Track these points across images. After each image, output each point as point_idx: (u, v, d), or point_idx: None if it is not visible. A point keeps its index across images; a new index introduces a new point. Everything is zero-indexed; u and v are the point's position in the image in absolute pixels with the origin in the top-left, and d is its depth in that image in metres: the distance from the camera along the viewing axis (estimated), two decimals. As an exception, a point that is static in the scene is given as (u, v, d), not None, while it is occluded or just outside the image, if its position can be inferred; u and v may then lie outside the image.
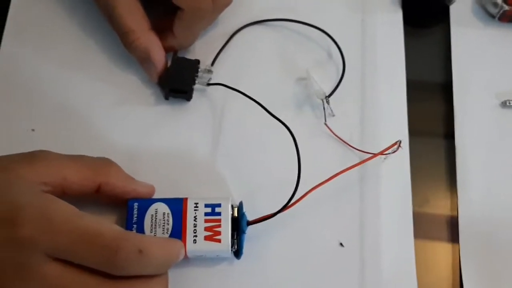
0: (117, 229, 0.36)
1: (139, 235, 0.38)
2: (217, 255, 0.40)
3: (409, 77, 0.49)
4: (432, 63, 0.51)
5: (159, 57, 0.45)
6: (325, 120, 0.46)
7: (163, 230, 0.39)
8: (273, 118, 0.43)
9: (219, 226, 0.39)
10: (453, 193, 0.45)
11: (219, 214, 0.40)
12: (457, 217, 0.44)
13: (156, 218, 0.40)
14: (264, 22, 0.50)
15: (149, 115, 0.47)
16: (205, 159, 0.45)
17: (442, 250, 0.44)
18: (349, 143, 0.45)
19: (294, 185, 0.40)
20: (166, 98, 0.47)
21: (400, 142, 0.43)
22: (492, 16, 0.51)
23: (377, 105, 0.47)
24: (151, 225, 0.40)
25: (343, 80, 0.48)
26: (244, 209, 0.41)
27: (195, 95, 0.47)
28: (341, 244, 0.42)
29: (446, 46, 0.50)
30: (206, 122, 0.46)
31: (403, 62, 0.49)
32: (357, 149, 0.45)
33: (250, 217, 0.41)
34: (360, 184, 0.44)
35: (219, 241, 0.39)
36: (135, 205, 0.40)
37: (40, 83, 0.47)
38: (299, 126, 0.45)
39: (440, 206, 0.45)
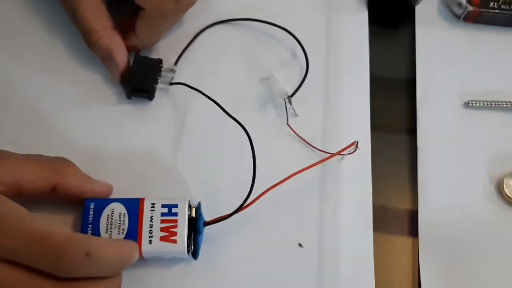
0: (66, 231, 0.35)
1: (88, 237, 0.37)
2: (174, 256, 0.40)
3: (374, 76, 0.49)
4: (397, 63, 0.51)
5: (121, 57, 0.45)
6: (287, 120, 0.46)
7: (118, 231, 0.39)
8: (222, 115, 0.43)
9: (176, 226, 0.39)
10: (414, 190, 0.45)
11: (175, 214, 0.40)
12: (417, 212, 0.44)
13: (112, 219, 0.40)
14: (229, 22, 0.50)
15: (111, 114, 0.46)
16: (166, 159, 0.45)
17: (401, 246, 0.44)
18: (311, 143, 0.45)
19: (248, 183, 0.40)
20: (129, 97, 0.46)
21: (357, 143, 0.43)
22: (457, 17, 0.51)
23: (340, 105, 0.48)
24: (107, 226, 0.39)
25: (307, 80, 0.48)
26: (203, 210, 0.41)
27: (157, 94, 0.47)
28: (300, 244, 0.42)
29: (411, 46, 0.51)
30: (168, 122, 0.46)
31: (367, 62, 0.49)
32: (317, 149, 0.45)
33: (209, 217, 0.41)
34: (320, 184, 0.44)
35: (174, 242, 0.39)
36: (91, 205, 0.40)
37: (1, 78, 0.47)
38: (262, 126, 0.45)
39: (401, 201, 0.45)
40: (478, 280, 0.42)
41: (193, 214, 0.40)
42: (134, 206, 0.40)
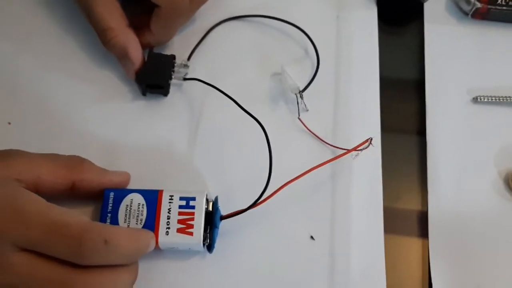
0: (84, 220, 0.36)
1: (106, 225, 0.38)
2: (189, 248, 0.41)
3: (383, 73, 0.49)
4: (405, 60, 0.51)
5: (137, 55, 0.46)
6: (299, 115, 0.47)
7: (136, 221, 0.40)
8: (237, 110, 0.44)
9: (192, 219, 0.40)
10: (424, 188, 0.46)
11: (193, 207, 0.40)
12: (427, 213, 0.45)
13: (130, 209, 0.40)
14: (241, 18, 0.51)
15: (127, 111, 0.47)
16: (182, 153, 0.46)
17: (411, 245, 0.44)
18: (322, 138, 0.46)
19: (266, 178, 0.41)
20: (144, 94, 0.47)
21: (371, 139, 0.44)
22: (465, 13, 0.52)
23: (350, 101, 0.48)
24: (125, 215, 0.40)
25: (317, 76, 0.48)
26: (219, 204, 0.42)
27: (172, 90, 0.47)
28: (311, 237, 0.43)
29: (419, 43, 0.51)
30: (183, 117, 0.47)
31: (377, 58, 0.50)
32: (330, 145, 0.46)
33: (225, 211, 0.41)
34: (332, 179, 0.45)
35: (191, 234, 0.40)
36: (111, 194, 0.41)
37: (18, 77, 0.48)
38: (273, 120, 0.46)
39: (410, 202, 0.46)
40: (491, 278, 0.43)
41: (210, 208, 0.41)
42: (152, 198, 0.41)
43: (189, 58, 0.49)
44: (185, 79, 0.47)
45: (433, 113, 0.48)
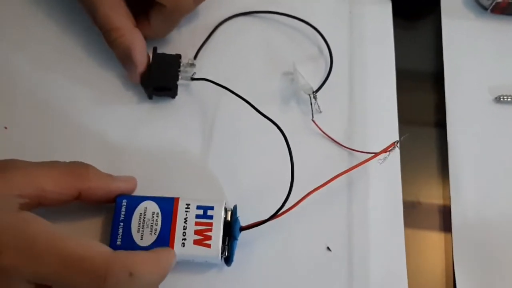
0: (104, 251, 0.33)
1: (129, 254, 0.34)
2: (206, 261, 0.38)
3: (400, 70, 0.47)
4: (423, 56, 0.49)
5: (141, 57, 0.43)
6: (313, 117, 0.44)
7: (150, 231, 0.37)
8: (260, 114, 0.41)
9: (210, 230, 0.37)
10: (445, 184, 0.44)
11: (211, 217, 0.38)
12: (449, 209, 0.43)
13: (144, 218, 0.38)
14: (249, 14, 0.49)
15: (132, 114, 0.45)
16: (194, 158, 0.43)
17: (434, 242, 0.43)
18: (337, 140, 0.44)
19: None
20: (150, 97, 0.45)
21: (398, 142, 0.41)
22: (485, 8, 0.50)
23: (366, 100, 0.46)
24: (139, 225, 0.38)
25: (330, 75, 0.46)
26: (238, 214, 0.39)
27: (179, 91, 0.45)
28: (328, 248, 0.41)
29: (437, 38, 0.49)
30: (193, 119, 0.45)
31: (392, 55, 0.48)
32: (347, 148, 0.44)
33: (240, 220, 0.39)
34: (349, 185, 0.43)
35: (209, 246, 0.37)
36: (124, 202, 0.39)
37: (15, 79, 0.45)
38: (285, 122, 0.43)
39: (431, 197, 0.44)
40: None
41: (229, 218, 0.39)
42: (168, 206, 0.38)
43: (195, 57, 0.46)
44: (193, 79, 0.44)
45: (453, 112, 0.46)
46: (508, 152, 0.45)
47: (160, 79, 0.44)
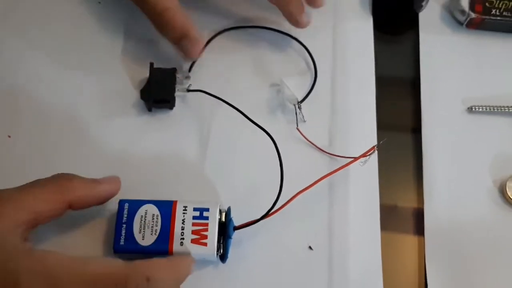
0: (122, 264, 0.36)
1: (145, 262, 0.37)
2: (203, 258, 0.41)
3: (379, 80, 0.50)
4: (401, 68, 0.52)
5: (197, 32, 0.46)
6: (297, 125, 0.47)
7: (151, 231, 0.40)
8: (251, 123, 0.45)
9: (206, 230, 0.41)
10: (420, 190, 0.46)
11: (206, 218, 0.41)
12: (423, 213, 0.45)
13: (145, 219, 0.41)
14: (238, 29, 0.52)
15: (133, 125, 0.47)
16: (191, 162, 0.46)
17: (408, 245, 0.45)
18: (319, 146, 0.47)
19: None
20: (149, 109, 0.48)
21: (376, 146, 0.44)
22: (460, 23, 0.52)
23: (347, 110, 0.49)
24: (140, 226, 0.41)
25: (315, 86, 0.49)
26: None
27: (176, 102, 0.48)
28: (310, 247, 0.44)
29: (415, 52, 0.52)
30: (189, 128, 0.48)
31: (373, 67, 0.51)
32: (330, 154, 0.47)
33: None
34: (330, 188, 0.46)
35: (205, 244, 0.40)
36: (126, 205, 0.42)
37: (19, 89, 0.48)
38: (272, 130, 0.46)
39: (406, 202, 0.47)
40: (482, 279, 0.44)
41: (223, 219, 0.42)
42: (166, 208, 0.41)
43: (190, 70, 0.49)
44: (188, 90, 0.47)
45: (428, 122, 0.49)
46: (478, 159, 0.47)
47: (159, 92, 0.47)
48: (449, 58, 0.51)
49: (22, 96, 0.48)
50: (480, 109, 0.49)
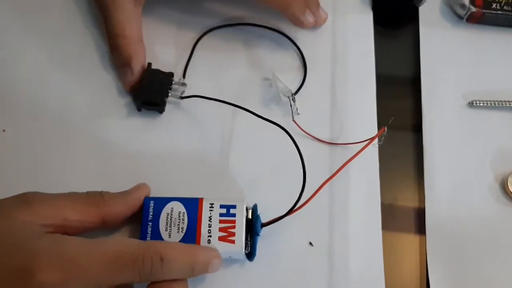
0: (137, 242, 0.36)
1: (161, 242, 0.38)
2: (230, 256, 0.40)
3: (379, 76, 0.49)
4: (401, 62, 0.51)
5: (138, 67, 0.46)
6: (293, 117, 0.46)
7: (178, 229, 0.40)
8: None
9: (234, 227, 0.40)
10: (421, 187, 0.46)
11: (233, 215, 0.40)
12: (424, 212, 0.45)
13: (171, 217, 0.40)
14: (225, 28, 0.51)
15: (122, 126, 0.47)
16: (210, 164, 0.46)
17: (409, 243, 0.44)
18: (318, 137, 0.46)
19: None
20: (139, 109, 0.47)
21: (385, 128, 0.43)
22: (460, 17, 0.52)
23: (347, 103, 0.48)
24: (166, 224, 0.40)
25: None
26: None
27: (169, 107, 0.47)
28: (310, 243, 0.43)
29: (415, 46, 0.51)
30: (190, 128, 0.47)
31: (373, 61, 0.50)
32: (328, 142, 0.46)
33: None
34: (330, 184, 0.43)
35: (233, 242, 0.39)
36: (151, 203, 0.41)
37: (13, 84, 0.47)
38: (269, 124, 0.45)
39: (407, 200, 0.46)
40: (485, 276, 0.43)
41: (250, 216, 0.41)
42: (193, 206, 0.40)
43: (184, 74, 0.48)
44: (182, 97, 0.46)
45: (429, 117, 0.48)
46: (480, 154, 0.47)
47: (149, 94, 0.46)
48: (449, 53, 0.51)
49: (16, 92, 0.47)
50: (481, 104, 0.48)
